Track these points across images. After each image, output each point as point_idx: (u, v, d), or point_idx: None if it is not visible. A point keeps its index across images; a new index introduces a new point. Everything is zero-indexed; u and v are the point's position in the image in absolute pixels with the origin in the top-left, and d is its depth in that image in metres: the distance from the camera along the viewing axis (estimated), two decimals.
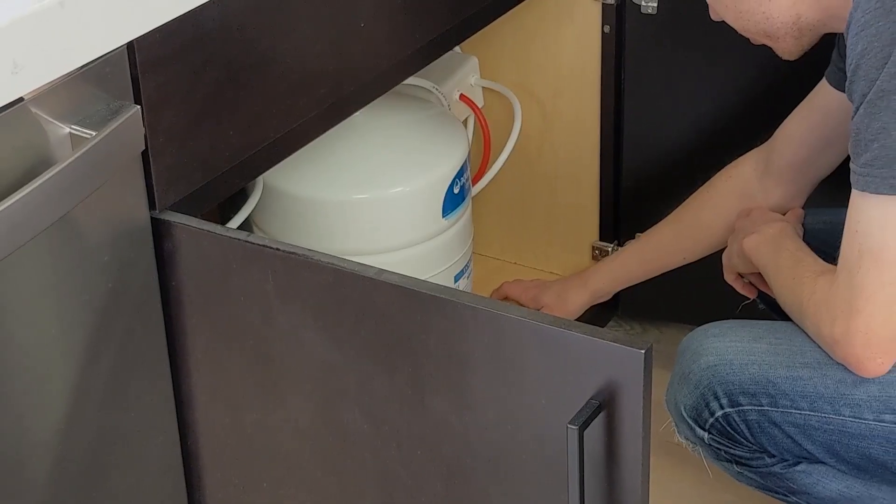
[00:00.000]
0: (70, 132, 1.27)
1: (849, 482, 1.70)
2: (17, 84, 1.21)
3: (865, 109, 1.48)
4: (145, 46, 1.33)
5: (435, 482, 1.36)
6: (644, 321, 2.34)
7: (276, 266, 1.35)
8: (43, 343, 1.32)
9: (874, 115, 1.47)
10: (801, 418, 1.63)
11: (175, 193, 1.41)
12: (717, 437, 1.69)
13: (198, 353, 1.44)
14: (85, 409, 1.36)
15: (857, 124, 1.49)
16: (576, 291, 2.14)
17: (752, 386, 1.64)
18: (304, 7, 1.51)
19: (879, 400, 1.59)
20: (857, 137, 1.49)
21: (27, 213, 1.21)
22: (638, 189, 2.22)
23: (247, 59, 1.46)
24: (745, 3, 1.64)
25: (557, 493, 1.26)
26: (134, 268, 1.38)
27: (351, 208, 1.90)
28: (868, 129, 1.48)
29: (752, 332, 1.68)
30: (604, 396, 1.22)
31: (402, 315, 1.31)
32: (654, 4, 2.07)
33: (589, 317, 2.23)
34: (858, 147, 1.49)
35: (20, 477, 1.32)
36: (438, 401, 1.32)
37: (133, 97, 1.33)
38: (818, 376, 1.61)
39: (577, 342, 1.22)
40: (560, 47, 2.17)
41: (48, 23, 1.22)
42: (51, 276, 1.31)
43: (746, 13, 1.65)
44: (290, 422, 1.42)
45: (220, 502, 1.50)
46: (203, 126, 1.43)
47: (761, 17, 1.64)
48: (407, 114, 2.01)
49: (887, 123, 1.46)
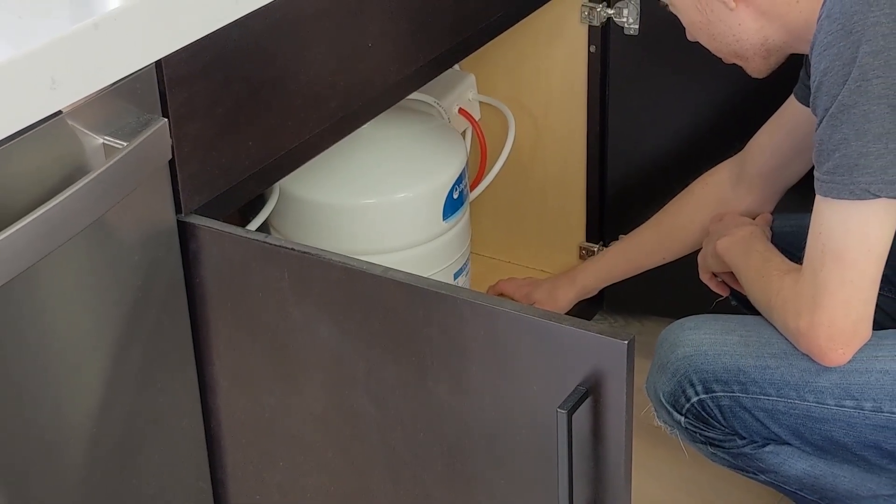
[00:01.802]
0: (103, 143, 1.27)
1: (813, 462, 1.70)
2: (55, 99, 1.21)
3: (828, 122, 1.47)
4: (172, 64, 1.33)
5: (436, 461, 1.35)
6: (627, 315, 2.34)
7: (292, 265, 1.35)
8: (79, 335, 1.32)
9: (836, 128, 1.47)
10: (770, 404, 1.63)
11: (199, 198, 1.41)
12: (693, 421, 1.69)
13: (220, 343, 1.43)
14: (117, 395, 1.36)
15: (820, 136, 1.49)
16: (564, 288, 2.14)
17: (725, 374, 1.64)
18: (317, 29, 1.51)
19: (840, 387, 1.59)
20: (821, 148, 1.49)
21: (64, 217, 1.21)
22: (621, 195, 2.22)
23: (265, 77, 1.46)
24: (718, 27, 1.64)
25: (548, 471, 1.26)
26: (162, 266, 1.38)
27: (360, 212, 1.89)
28: (830, 140, 1.47)
29: (725, 326, 1.68)
30: (590, 383, 1.22)
31: (406, 309, 1.31)
32: (636, 27, 2.07)
33: (576, 311, 2.23)
34: (822, 156, 1.49)
35: (59, 456, 1.32)
36: (439, 387, 1.32)
37: (161, 111, 1.33)
38: (785, 365, 1.61)
39: (565, 334, 1.22)
40: (550, 65, 2.17)
41: (83, 43, 1.22)
42: (86, 274, 1.31)
43: (719, 36, 1.66)
44: (304, 406, 1.42)
45: (239, 480, 1.50)
46: (225, 137, 1.42)
47: (732, 39, 1.65)
48: (410, 126, 2.01)
49: (847, 135, 1.46)
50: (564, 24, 2.12)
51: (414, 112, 2.06)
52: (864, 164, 1.46)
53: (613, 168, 2.20)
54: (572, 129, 2.19)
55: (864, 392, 1.58)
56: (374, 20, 1.59)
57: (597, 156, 2.19)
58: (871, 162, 1.45)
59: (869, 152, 1.45)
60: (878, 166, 1.45)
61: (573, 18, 2.11)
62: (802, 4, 1.57)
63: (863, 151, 1.45)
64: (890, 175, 1.45)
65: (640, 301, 2.29)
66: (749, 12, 1.61)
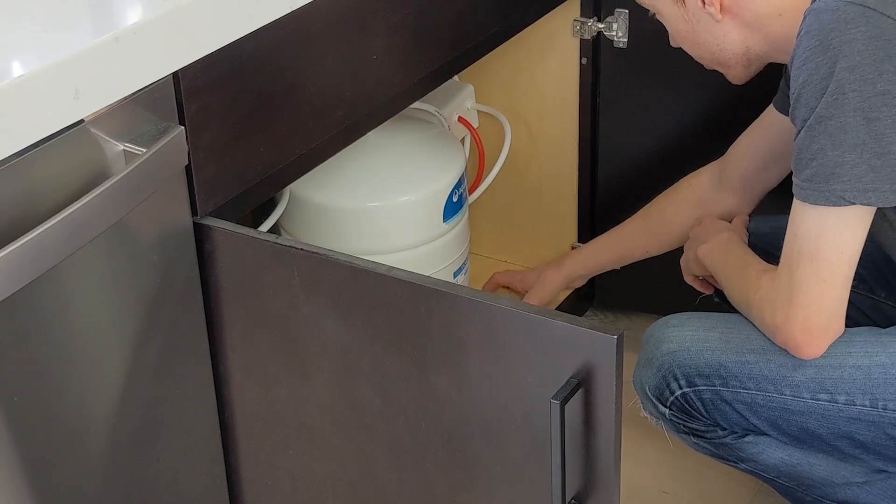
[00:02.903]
0: (123, 149, 1.27)
1: (789, 451, 1.70)
2: (78, 108, 1.21)
3: (806, 132, 1.47)
4: (189, 75, 1.33)
5: (437, 448, 1.35)
6: (616, 311, 2.33)
7: (301, 264, 1.35)
8: (101, 329, 1.32)
9: (813, 138, 1.47)
10: (749, 397, 1.63)
11: (214, 202, 1.41)
12: (677, 413, 1.69)
13: (233, 338, 1.43)
14: (137, 386, 1.36)
15: (798, 145, 1.49)
16: (552, 273, 2.14)
17: (707, 369, 1.64)
18: (324, 43, 1.51)
19: (816, 381, 1.59)
20: (799, 156, 1.49)
21: (87, 219, 1.21)
22: (610, 197, 2.22)
23: (276, 87, 1.46)
24: (703, 36, 1.64)
25: (542, 458, 1.26)
26: (179, 265, 1.38)
27: (365, 214, 1.89)
28: (808, 150, 1.47)
29: (707, 323, 1.68)
30: (582, 375, 1.22)
31: (409, 306, 1.30)
32: (624, 40, 2.06)
33: (568, 307, 2.23)
34: (800, 164, 1.49)
35: (83, 442, 1.32)
36: (440, 379, 1.32)
37: (178, 119, 1.33)
38: (763, 361, 1.61)
39: (558, 329, 1.22)
40: (544, 76, 2.17)
41: (105, 55, 1.22)
42: (108, 272, 1.31)
43: (703, 45, 1.66)
44: (312, 397, 1.42)
45: (252, 466, 1.50)
46: (238, 144, 1.42)
47: (716, 48, 1.64)
48: (413, 133, 2.01)
49: (824, 145, 1.46)
50: (557, 37, 2.12)
51: (416, 120, 2.06)
52: (839, 173, 1.46)
53: (603, 172, 2.20)
54: (564, 135, 2.19)
55: (838, 386, 1.58)
56: (378, 35, 1.59)
57: (588, 161, 2.19)
58: (847, 171, 1.45)
59: (844, 162, 1.45)
60: (853, 175, 1.45)
61: (565, 32, 2.11)
62: (785, 18, 1.57)
63: (839, 161, 1.45)
64: (864, 184, 1.45)
65: (629, 298, 2.29)
66: (734, 24, 1.61)
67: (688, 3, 1.63)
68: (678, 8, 1.65)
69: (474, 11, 1.77)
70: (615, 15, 2.05)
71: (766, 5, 1.59)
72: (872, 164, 1.45)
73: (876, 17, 1.42)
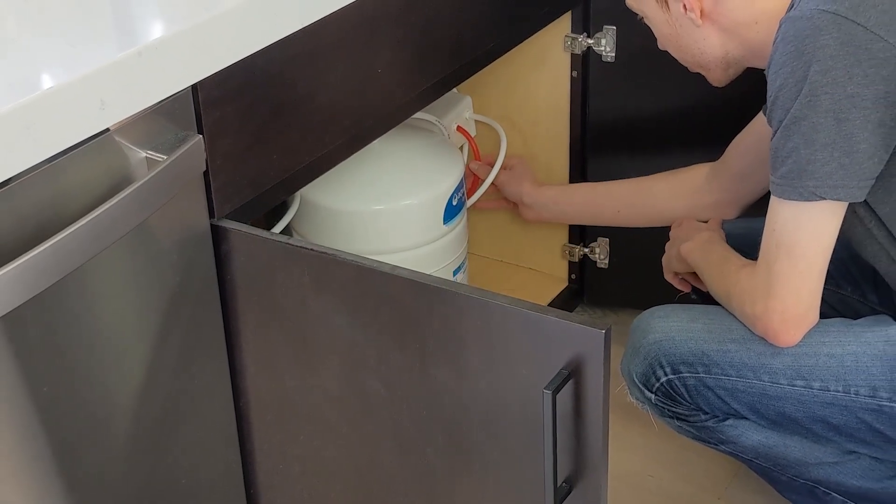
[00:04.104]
0: (146, 156, 1.27)
1: (767, 434, 1.70)
2: (103, 118, 1.21)
3: (781, 132, 1.48)
4: (207, 87, 1.33)
5: (437, 436, 1.35)
6: (604, 307, 2.33)
7: (311, 263, 1.35)
8: (125, 325, 1.32)
9: (788, 137, 1.47)
10: (729, 383, 1.63)
11: (230, 205, 1.41)
12: (662, 399, 1.69)
13: (248, 332, 1.43)
14: (157, 378, 1.36)
15: (774, 144, 1.49)
16: (531, 186, 2.15)
17: (690, 357, 1.64)
18: (333, 57, 1.51)
19: (792, 368, 1.59)
20: (775, 155, 1.49)
21: (112, 222, 1.21)
22: None
23: (287, 98, 1.46)
24: (685, 39, 1.65)
25: (535, 444, 1.25)
26: (197, 265, 1.38)
27: (371, 217, 1.89)
28: (783, 149, 1.48)
29: (690, 314, 1.68)
30: (572, 367, 1.22)
31: (411, 302, 1.30)
32: (612, 55, 2.06)
33: (559, 303, 2.23)
34: (776, 163, 1.49)
35: (107, 430, 1.32)
36: (440, 371, 1.31)
37: (196, 128, 1.33)
38: (743, 350, 1.61)
39: (551, 324, 1.22)
40: (537, 88, 2.17)
41: (128, 69, 1.22)
42: (131, 271, 1.31)
43: (685, 48, 1.66)
44: (321, 387, 1.42)
45: (265, 452, 1.50)
46: (252, 151, 1.42)
47: (697, 51, 1.65)
48: (415, 141, 2.01)
49: (798, 144, 1.46)
50: (549, 52, 2.12)
51: (418, 129, 2.05)
52: (811, 171, 1.46)
53: (592, 177, 2.19)
54: (556, 144, 2.19)
55: (813, 373, 1.58)
56: (383, 49, 1.59)
57: (578, 167, 2.19)
58: (818, 168, 1.46)
59: (816, 160, 1.45)
60: (824, 172, 1.46)
61: (557, 47, 2.11)
62: (760, 26, 1.57)
63: (811, 159, 1.45)
64: (833, 180, 1.46)
65: (616, 295, 2.29)
66: (713, 29, 1.61)
67: (672, 8, 1.63)
68: (663, 13, 1.65)
69: (472, 28, 1.77)
70: (604, 31, 2.05)
71: (742, 13, 1.59)
72: (842, 161, 1.45)
73: (847, 25, 1.43)
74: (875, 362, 1.57)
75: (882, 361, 1.56)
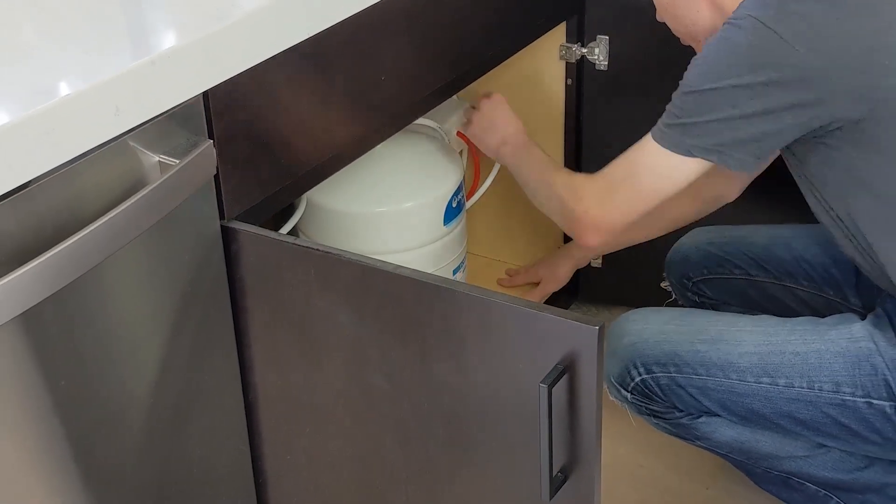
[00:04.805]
0: (159, 160, 1.27)
1: (738, 430, 1.71)
2: (119, 124, 1.21)
3: (683, 93, 1.53)
4: (217, 95, 1.33)
5: (438, 428, 1.35)
6: (598, 305, 2.33)
7: (317, 263, 1.35)
8: (139, 321, 1.32)
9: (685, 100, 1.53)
10: (701, 382, 1.64)
11: (239, 207, 1.41)
12: (638, 397, 1.69)
13: (256, 329, 1.43)
14: (170, 372, 1.36)
15: (674, 97, 1.54)
16: (563, 261, 2.15)
17: (663, 358, 1.65)
18: (338, 65, 1.51)
19: (758, 367, 1.60)
20: (671, 106, 1.54)
21: (126, 223, 1.21)
22: None
23: (294, 105, 1.46)
24: (681, 10, 1.65)
25: (531, 435, 1.26)
26: (208, 264, 1.38)
27: (374, 218, 1.89)
28: (678, 107, 1.54)
29: (663, 318, 1.69)
30: (567, 362, 1.22)
31: (413, 300, 1.30)
32: (605, 63, 2.07)
33: (554, 302, 2.23)
34: (668, 114, 1.55)
35: (122, 422, 1.32)
36: (440, 365, 1.32)
37: (207, 134, 1.33)
38: (713, 349, 1.62)
39: (546, 321, 1.22)
40: (534, 95, 2.17)
41: (142, 77, 1.22)
42: (145, 270, 1.31)
43: (680, 17, 1.66)
44: (326, 382, 1.42)
45: (273, 443, 1.50)
46: (261, 156, 1.42)
47: (690, 22, 1.65)
48: (416, 146, 2.01)
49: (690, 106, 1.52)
50: (545, 60, 2.12)
51: (419, 135, 2.06)
52: (696, 133, 1.50)
53: None
54: (552, 147, 2.19)
55: (779, 371, 1.59)
56: (386, 58, 1.60)
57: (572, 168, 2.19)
58: (701, 131, 1.50)
59: (701, 124, 1.50)
60: (706, 136, 1.50)
61: (553, 56, 2.11)
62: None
63: (698, 122, 1.50)
64: (710, 145, 1.50)
65: (609, 293, 2.29)
66: (705, 2, 1.61)
67: None
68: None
69: (472, 37, 1.77)
70: (597, 41, 2.06)
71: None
72: (724, 136, 1.49)
73: (764, 31, 1.46)
74: (838, 359, 1.57)
75: (844, 358, 1.57)
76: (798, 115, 1.47)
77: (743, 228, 1.75)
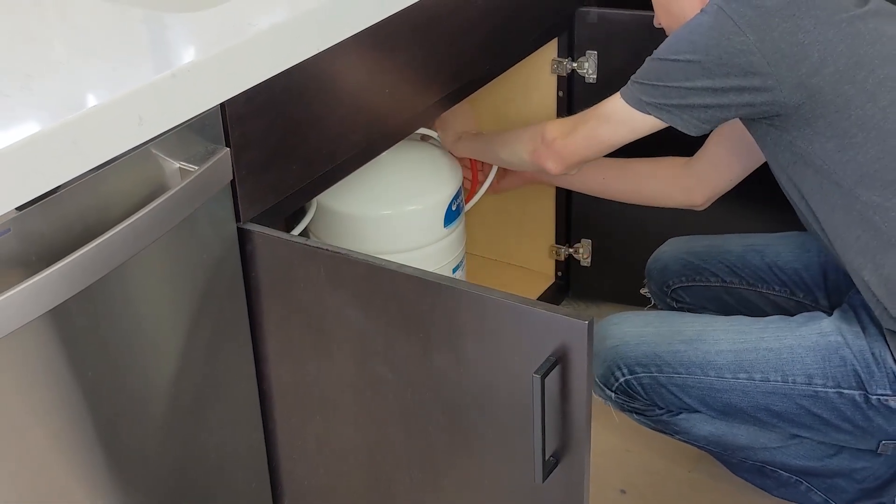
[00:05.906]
0: (179, 167, 1.27)
1: (717, 424, 1.71)
2: (142, 133, 1.21)
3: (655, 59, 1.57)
4: (234, 106, 1.33)
5: (438, 416, 1.35)
6: (587, 301, 2.33)
7: (326, 262, 1.35)
8: (160, 317, 1.32)
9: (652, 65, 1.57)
10: (680, 380, 1.63)
11: (254, 210, 1.41)
12: (621, 396, 1.69)
13: (270, 324, 1.43)
14: (189, 364, 1.36)
15: (647, 61, 1.57)
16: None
17: (644, 359, 1.65)
18: (346, 78, 1.51)
19: (735, 363, 1.60)
20: (642, 68, 1.58)
21: (149, 225, 1.21)
22: (582, 206, 2.22)
23: (305, 115, 1.46)
24: (673, 6, 1.64)
25: (525, 423, 1.26)
26: (224, 264, 1.38)
27: (379, 220, 1.89)
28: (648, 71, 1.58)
29: (643, 320, 1.69)
30: (559, 354, 1.22)
31: (416, 297, 1.30)
32: (594, 77, 2.06)
33: (546, 298, 2.23)
34: (637, 75, 1.58)
35: (145, 411, 1.32)
36: (441, 358, 1.32)
37: (224, 142, 1.33)
38: (691, 350, 1.62)
39: (540, 316, 1.22)
40: (527, 106, 2.17)
41: (164, 89, 1.22)
42: (165, 269, 1.31)
43: (672, 14, 1.66)
44: (335, 373, 1.42)
45: (285, 430, 1.50)
46: (274, 162, 1.42)
47: (682, 18, 1.64)
48: (418, 153, 2.01)
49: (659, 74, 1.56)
50: (538, 74, 2.12)
51: (421, 143, 2.06)
52: (655, 94, 1.55)
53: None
54: None
55: (754, 366, 1.59)
56: (390, 72, 1.60)
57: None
58: (657, 93, 1.54)
59: (663, 91, 1.54)
60: (662, 101, 1.54)
61: (545, 70, 2.11)
62: None
63: (656, 84, 1.54)
64: (667, 106, 1.54)
65: (599, 290, 2.29)
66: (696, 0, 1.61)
67: None
68: None
69: (470, 53, 1.77)
70: (586, 56, 2.06)
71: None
72: (674, 100, 1.53)
73: (723, 17, 1.49)
74: (809, 353, 1.57)
75: (815, 352, 1.57)
76: (741, 95, 1.50)
77: (718, 238, 1.75)
